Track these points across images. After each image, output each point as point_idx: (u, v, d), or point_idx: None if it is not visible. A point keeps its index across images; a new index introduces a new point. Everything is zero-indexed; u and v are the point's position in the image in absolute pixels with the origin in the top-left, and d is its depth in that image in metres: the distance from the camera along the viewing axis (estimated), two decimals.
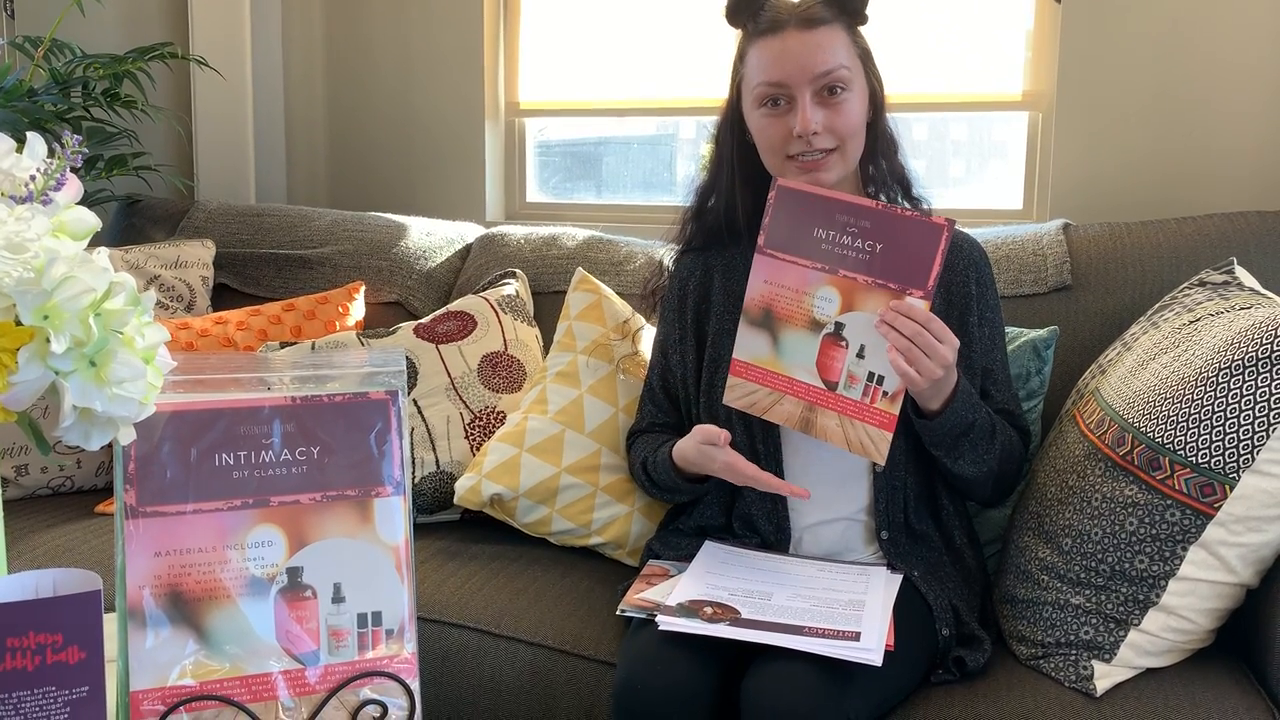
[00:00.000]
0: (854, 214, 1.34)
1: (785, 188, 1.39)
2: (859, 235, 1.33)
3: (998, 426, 1.40)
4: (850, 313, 1.35)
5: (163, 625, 0.90)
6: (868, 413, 1.34)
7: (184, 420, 0.93)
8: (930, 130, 2.42)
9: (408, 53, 2.69)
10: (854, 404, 1.35)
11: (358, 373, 1.00)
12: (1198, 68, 2.03)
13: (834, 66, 1.40)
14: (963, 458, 1.38)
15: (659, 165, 2.67)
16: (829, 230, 1.35)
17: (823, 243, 1.36)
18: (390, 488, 0.98)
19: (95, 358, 0.80)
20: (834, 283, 1.35)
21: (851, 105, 1.42)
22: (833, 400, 1.36)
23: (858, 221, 1.33)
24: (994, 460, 1.39)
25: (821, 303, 1.36)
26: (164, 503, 0.92)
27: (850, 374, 1.35)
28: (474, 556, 1.68)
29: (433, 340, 1.90)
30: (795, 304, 1.38)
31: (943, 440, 1.37)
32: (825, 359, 1.37)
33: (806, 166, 1.43)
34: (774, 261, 1.39)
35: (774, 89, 1.42)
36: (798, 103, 1.40)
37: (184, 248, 2.29)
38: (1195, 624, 1.30)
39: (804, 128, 1.39)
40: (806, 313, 1.37)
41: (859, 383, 1.35)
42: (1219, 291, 1.49)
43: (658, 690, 1.23)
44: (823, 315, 1.36)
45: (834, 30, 1.41)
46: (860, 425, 1.35)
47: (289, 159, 2.86)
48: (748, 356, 1.42)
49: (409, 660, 0.97)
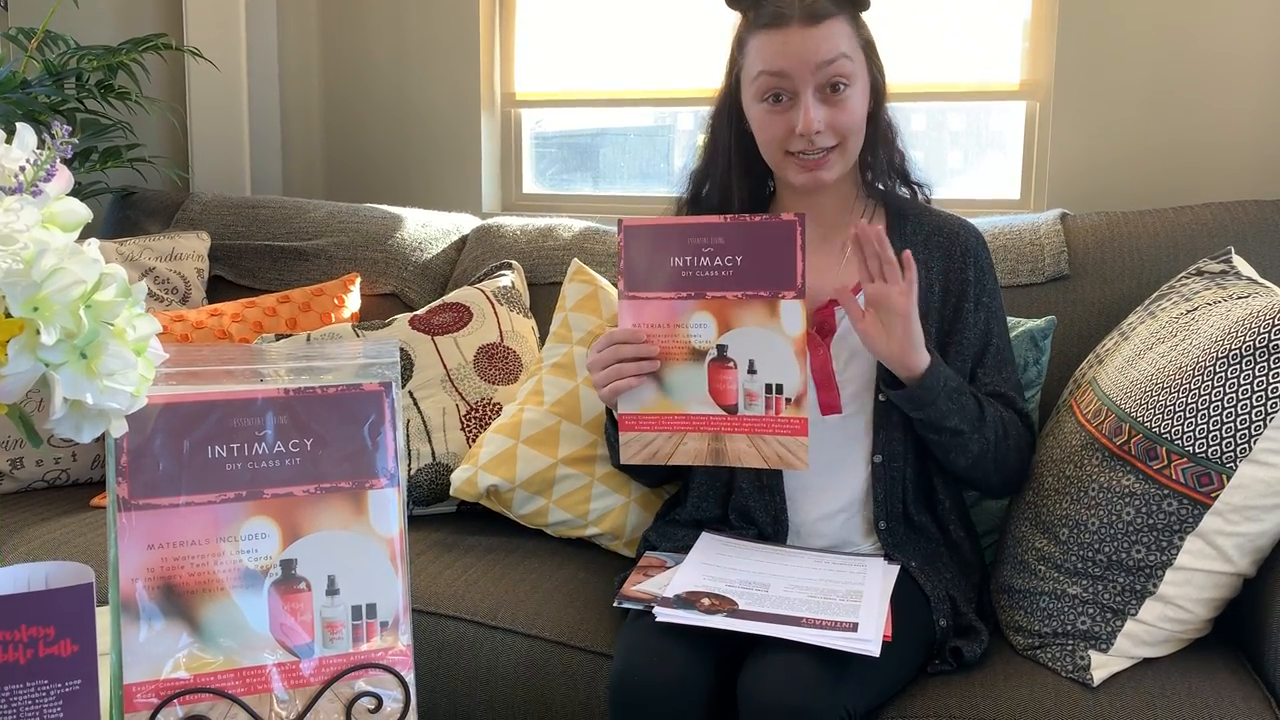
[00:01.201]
0: (705, 233, 1.34)
1: (630, 226, 1.37)
2: (716, 253, 1.33)
3: (985, 405, 1.39)
4: (729, 332, 1.34)
5: (156, 618, 0.90)
6: (776, 424, 1.33)
7: (176, 412, 0.92)
8: (928, 120, 2.41)
9: (403, 43, 2.68)
10: (761, 420, 1.33)
11: (351, 364, 0.99)
12: (1195, 57, 2.02)
13: (838, 64, 1.38)
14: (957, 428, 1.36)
15: (656, 156, 2.66)
16: (685, 256, 1.34)
17: (683, 270, 1.35)
18: (384, 479, 0.97)
19: (86, 350, 0.79)
20: (705, 306, 1.34)
21: (854, 101, 1.41)
22: (738, 423, 1.34)
23: (711, 240, 1.33)
24: (990, 432, 1.38)
25: (697, 330, 1.35)
26: (156, 495, 0.91)
27: (747, 392, 1.34)
28: (470, 548, 1.68)
29: (428, 332, 1.90)
30: (671, 338, 1.36)
31: (925, 408, 1.35)
32: (717, 384, 1.35)
33: (807, 165, 1.42)
34: (638, 302, 1.37)
35: (776, 84, 1.40)
36: (800, 100, 1.39)
37: (179, 240, 2.29)
38: (1192, 614, 1.30)
39: (807, 127, 1.38)
40: (685, 344, 1.36)
41: (758, 398, 1.33)
42: (1216, 281, 1.48)
43: (654, 682, 1.22)
44: (702, 342, 1.35)
45: (838, 23, 1.39)
46: (772, 439, 1.33)
47: (284, 150, 2.85)
48: (636, 407, 1.38)
49: (404, 652, 0.97)
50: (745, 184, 1.51)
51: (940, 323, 1.47)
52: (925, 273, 1.47)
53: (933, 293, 1.47)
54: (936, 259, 1.48)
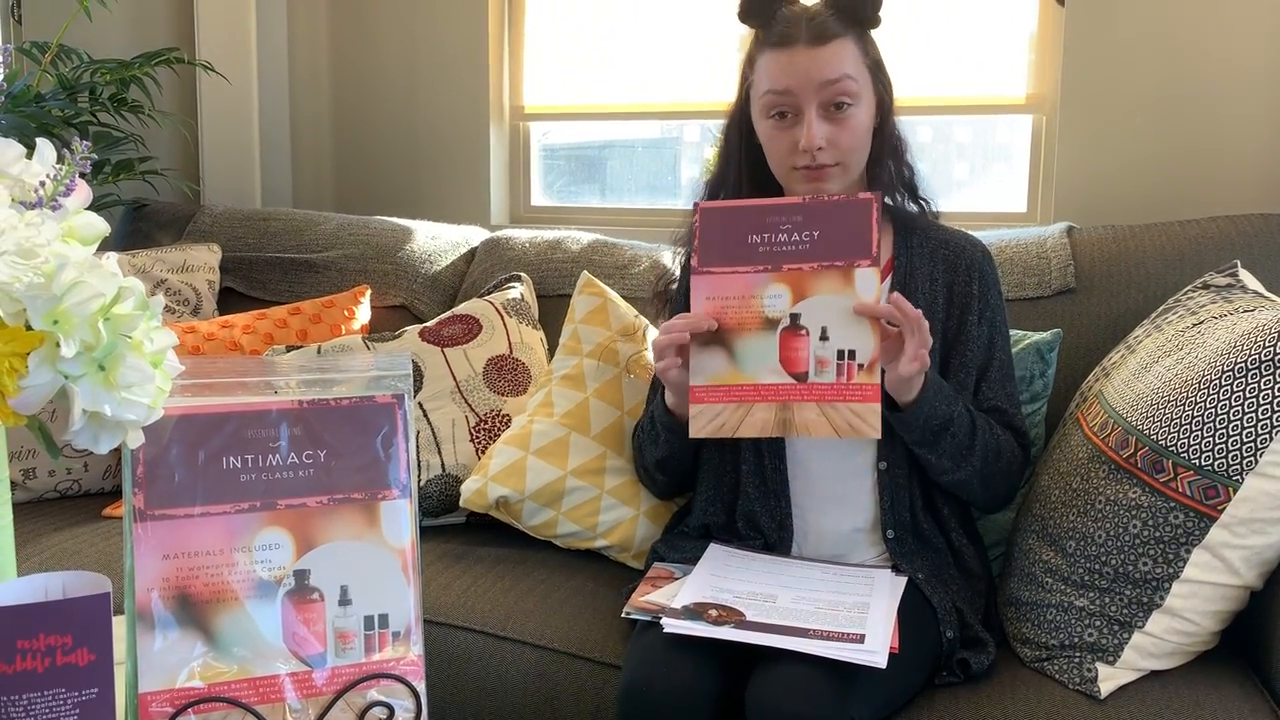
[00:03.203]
0: (784, 213, 1.37)
1: (707, 209, 1.40)
2: (794, 229, 1.35)
3: (978, 423, 1.41)
4: (803, 301, 1.35)
5: (171, 628, 0.90)
6: (849, 391, 1.33)
7: (192, 424, 0.93)
8: (934, 133, 2.42)
9: (413, 56, 2.69)
10: (832, 387, 1.34)
11: (364, 376, 1.00)
12: (1201, 70, 2.03)
13: (842, 84, 1.42)
14: (944, 455, 1.39)
15: (663, 169, 2.68)
16: (763, 234, 1.36)
17: (759, 246, 1.37)
18: (397, 490, 0.98)
19: (104, 362, 0.80)
20: (780, 279, 1.36)
21: (857, 120, 1.44)
22: (808, 391, 1.34)
23: (790, 218, 1.36)
24: (977, 459, 1.40)
25: (772, 300, 1.36)
26: (172, 506, 0.92)
27: (819, 359, 1.34)
28: (480, 559, 1.69)
29: (438, 344, 1.91)
30: (744, 309, 1.37)
31: (920, 432, 1.37)
32: (788, 352, 1.36)
33: (811, 177, 1.45)
34: (712, 277, 1.39)
35: (781, 102, 1.44)
36: (804, 116, 1.42)
37: (190, 252, 2.30)
38: (1199, 626, 1.30)
39: (809, 144, 1.42)
40: (758, 315, 1.37)
41: (830, 364, 1.34)
42: (1223, 294, 1.49)
43: (663, 693, 1.23)
44: (775, 312, 1.36)
45: (844, 44, 1.43)
46: (843, 407, 1.33)
47: (294, 163, 2.86)
48: (706, 379, 1.38)
49: (415, 662, 0.97)
50: (755, 190, 1.54)
51: (944, 336, 1.48)
52: (930, 286, 1.49)
53: (936, 306, 1.48)
54: (941, 273, 1.50)
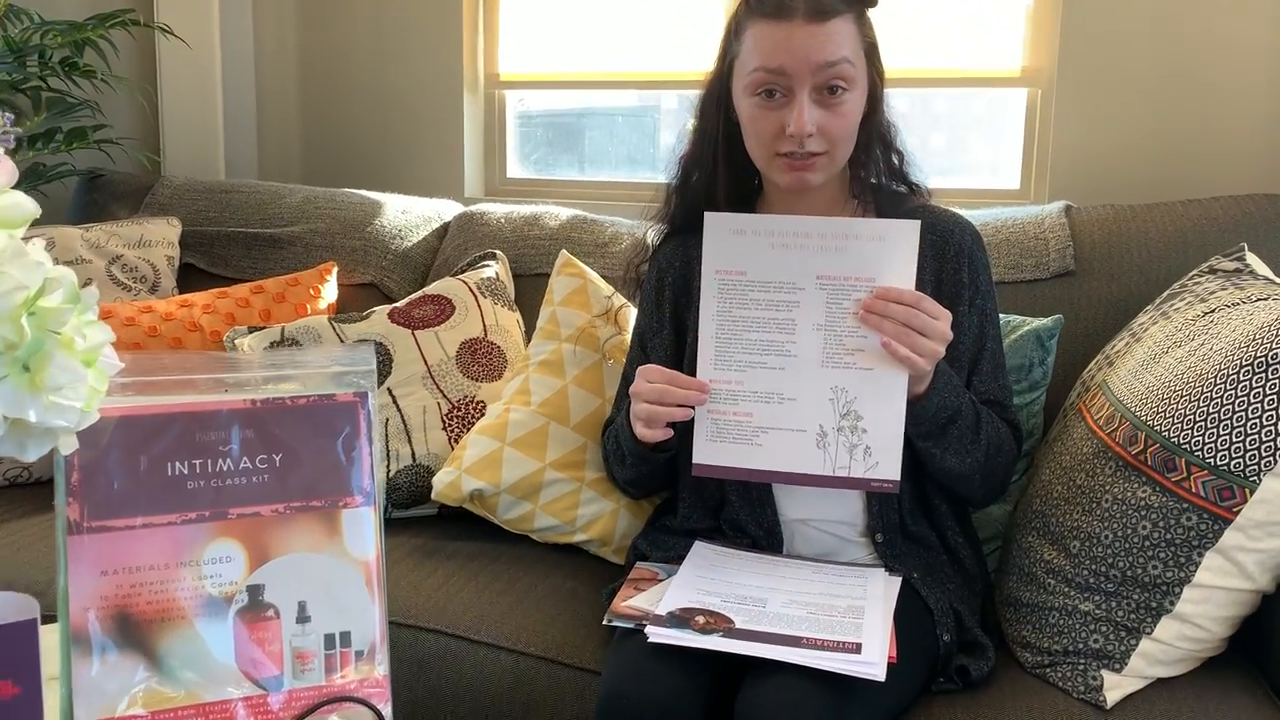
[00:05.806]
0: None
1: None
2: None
3: (982, 416, 1.35)
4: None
5: (110, 650, 0.84)
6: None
7: (133, 425, 0.85)
8: (925, 107, 2.35)
9: (384, 22, 2.60)
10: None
11: (324, 372, 0.92)
12: (1202, 43, 1.97)
13: (839, 67, 1.31)
14: (949, 449, 1.32)
15: (643, 139, 2.59)
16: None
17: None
18: (359, 498, 0.91)
19: (29, 362, 0.72)
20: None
21: (850, 107, 1.34)
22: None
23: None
24: (980, 453, 1.33)
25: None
26: (111, 516, 0.85)
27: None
28: (452, 555, 1.61)
29: (408, 325, 1.82)
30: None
31: (929, 426, 1.31)
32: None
33: (794, 166, 1.35)
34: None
35: (771, 80, 1.32)
36: (795, 99, 1.32)
37: (148, 226, 2.20)
38: (1210, 632, 1.24)
39: (798, 129, 1.31)
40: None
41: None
42: (1232, 280, 1.42)
43: (646, 703, 1.16)
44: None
45: (844, 22, 1.31)
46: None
47: (259, 133, 2.78)
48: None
49: (380, 683, 0.91)
50: (730, 174, 1.44)
51: None
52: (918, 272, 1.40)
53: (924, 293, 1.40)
54: (929, 258, 1.41)
